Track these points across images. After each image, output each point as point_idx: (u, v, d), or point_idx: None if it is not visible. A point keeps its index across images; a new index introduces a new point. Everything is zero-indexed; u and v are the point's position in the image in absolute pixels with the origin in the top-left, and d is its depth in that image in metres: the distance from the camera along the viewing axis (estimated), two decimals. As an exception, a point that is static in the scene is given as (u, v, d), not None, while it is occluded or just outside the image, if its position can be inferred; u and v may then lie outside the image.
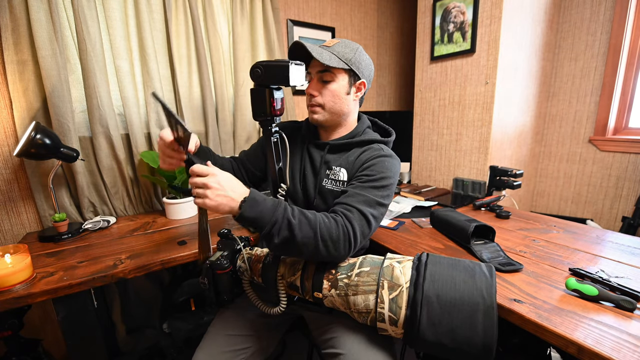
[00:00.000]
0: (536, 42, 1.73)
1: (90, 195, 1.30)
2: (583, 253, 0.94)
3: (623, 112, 1.79)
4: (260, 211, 0.65)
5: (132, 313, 1.47)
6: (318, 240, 0.67)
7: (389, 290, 0.65)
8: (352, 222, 0.71)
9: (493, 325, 0.57)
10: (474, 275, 0.63)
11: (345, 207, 0.74)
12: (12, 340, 0.95)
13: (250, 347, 0.85)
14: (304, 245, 0.66)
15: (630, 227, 1.66)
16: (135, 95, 1.35)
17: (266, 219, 0.65)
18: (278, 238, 0.65)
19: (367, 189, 0.77)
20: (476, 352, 0.58)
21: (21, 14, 1.07)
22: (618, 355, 0.54)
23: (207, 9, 1.45)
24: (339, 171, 0.87)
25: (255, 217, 0.64)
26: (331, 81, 0.84)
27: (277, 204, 0.67)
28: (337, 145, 0.90)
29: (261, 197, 0.67)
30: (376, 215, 0.76)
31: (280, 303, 0.74)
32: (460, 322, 0.59)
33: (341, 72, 0.84)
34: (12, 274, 0.80)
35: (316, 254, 0.68)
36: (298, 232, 0.65)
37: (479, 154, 1.65)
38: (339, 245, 0.68)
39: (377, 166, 0.81)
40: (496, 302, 0.59)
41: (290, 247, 0.67)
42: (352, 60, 0.84)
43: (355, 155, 0.87)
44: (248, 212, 0.64)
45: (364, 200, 0.75)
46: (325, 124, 0.89)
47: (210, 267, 0.77)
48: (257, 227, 0.65)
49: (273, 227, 0.65)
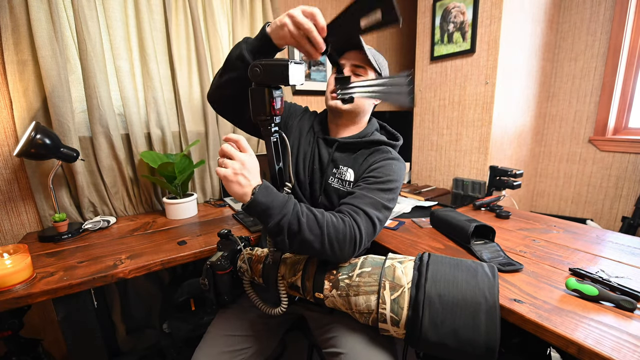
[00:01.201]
0: (536, 42, 1.73)
1: (90, 195, 1.30)
2: (583, 253, 0.94)
3: (623, 112, 1.79)
4: (272, 200, 0.64)
5: (132, 313, 1.47)
6: (324, 239, 0.66)
7: (390, 291, 0.64)
8: (359, 224, 0.70)
9: (495, 326, 0.57)
10: (476, 276, 0.63)
11: (352, 207, 0.73)
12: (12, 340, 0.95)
13: (250, 348, 0.85)
14: (309, 242, 0.66)
15: (630, 227, 1.66)
16: (135, 95, 1.35)
17: (276, 209, 0.64)
18: (285, 231, 0.65)
19: (373, 191, 0.77)
20: (479, 352, 0.58)
21: (21, 14, 1.07)
22: (618, 355, 0.54)
23: (207, 10, 1.45)
24: (345, 171, 0.87)
25: (266, 205, 0.63)
26: (363, 77, 0.88)
27: (288, 198, 0.67)
28: (346, 144, 0.90)
29: (273, 189, 0.67)
30: (381, 218, 0.76)
31: (281, 303, 0.74)
32: (462, 322, 0.59)
33: (372, 72, 0.88)
34: (12, 274, 0.80)
35: (320, 253, 0.68)
36: (305, 228, 0.65)
37: (478, 154, 1.65)
38: (344, 246, 0.68)
39: (385, 169, 0.82)
40: (499, 303, 0.59)
41: (296, 243, 0.67)
42: (382, 66, 0.90)
43: (363, 157, 0.88)
44: (260, 197, 0.63)
45: (370, 203, 0.75)
46: (344, 114, 0.90)
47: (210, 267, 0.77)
48: (265, 217, 0.64)
49: (282, 219, 0.64)
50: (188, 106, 1.49)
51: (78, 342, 0.90)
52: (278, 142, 0.70)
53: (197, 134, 1.54)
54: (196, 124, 1.54)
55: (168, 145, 1.44)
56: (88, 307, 0.90)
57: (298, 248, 0.68)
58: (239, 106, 0.86)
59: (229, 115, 0.91)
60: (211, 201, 1.59)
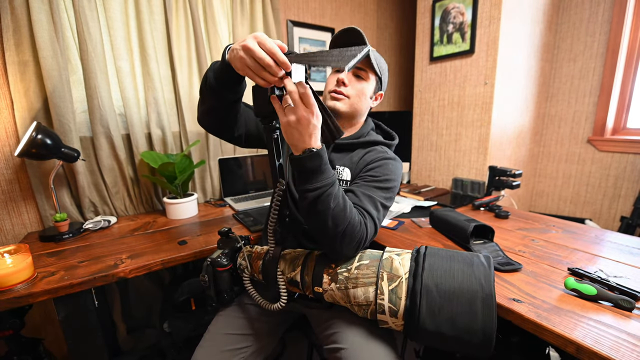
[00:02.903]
0: (535, 42, 1.73)
1: (91, 195, 1.30)
2: (582, 253, 0.94)
3: (621, 113, 1.79)
4: (326, 163, 0.65)
5: (133, 313, 1.47)
6: (341, 230, 0.66)
7: (388, 282, 0.65)
8: (367, 227, 0.71)
9: (492, 312, 0.58)
10: (472, 265, 0.64)
11: (358, 209, 0.73)
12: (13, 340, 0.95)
13: (250, 347, 0.85)
14: (328, 224, 0.65)
15: (629, 227, 1.67)
16: (135, 95, 1.36)
17: (327, 174, 0.65)
18: (319, 201, 0.64)
19: (372, 189, 0.78)
20: (476, 340, 0.58)
21: (22, 15, 1.08)
22: (617, 354, 0.54)
23: (207, 10, 1.46)
24: (342, 171, 0.88)
25: (321, 165, 0.64)
26: (364, 79, 0.88)
27: (334, 173, 0.67)
28: (342, 145, 0.91)
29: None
30: (380, 218, 0.77)
31: (280, 298, 0.74)
32: (459, 310, 0.59)
33: (373, 76, 0.89)
34: (13, 273, 0.80)
35: (328, 240, 0.67)
36: (329, 214, 0.64)
37: (478, 154, 1.66)
38: (352, 243, 0.68)
39: (382, 168, 0.83)
40: (494, 290, 0.60)
41: (316, 215, 0.66)
42: (383, 70, 0.91)
43: (359, 156, 0.88)
44: (322, 153, 0.63)
45: (372, 204, 0.76)
46: (343, 115, 0.89)
47: (210, 264, 0.77)
48: (311, 176, 0.64)
49: (324, 186, 0.64)
50: (188, 106, 1.49)
51: (79, 341, 0.91)
52: (279, 139, 0.71)
53: (198, 134, 1.54)
54: (196, 124, 1.54)
55: (168, 145, 1.44)
56: (89, 306, 0.90)
57: (312, 223, 0.68)
58: (229, 127, 0.85)
59: (222, 135, 0.89)
60: (211, 201, 1.59)
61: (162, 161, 1.30)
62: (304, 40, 1.88)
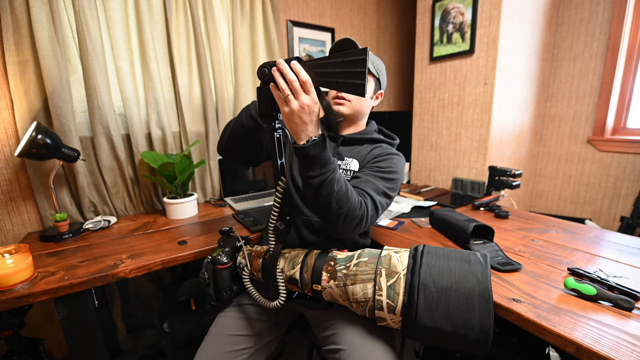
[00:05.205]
0: (535, 42, 1.73)
1: (91, 195, 1.30)
2: (582, 253, 0.94)
3: (621, 113, 1.80)
4: (327, 150, 0.68)
5: (133, 312, 1.47)
6: (345, 211, 0.70)
7: (386, 278, 0.66)
8: (367, 207, 0.75)
9: (489, 307, 0.59)
10: (469, 262, 0.65)
11: (359, 191, 0.78)
12: (13, 340, 0.95)
13: (251, 347, 0.86)
14: (332, 206, 0.69)
15: (629, 227, 1.67)
16: (135, 95, 1.35)
17: (329, 160, 0.69)
18: (324, 186, 0.68)
19: (376, 178, 0.83)
20: (474, 335, 0.59)
21: (22, 15, 1.08)
22: (616, 354, 0.54)
23: (207, 10, 1.46)
24: (350, 162, 0.93)
25: (324, 152, 0.67)
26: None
27: (334, 160, 0.71)
28: (350, 140, 0.96)
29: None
30: (383, 203, 0.81)
31: (279, 296, 0.75)
32: (457, 305, 0.60)
33: (372, 77, 0.94)
34: (13, 273, 0.80)
35: (334, 222, 0.72)
36: (334, 197, 0.69)
37: (478, 154, 1.66)
38: (353, 221, 0.72)
39: (388, 162, 0.89)
40: (491, 285, 0.61)
41: (320, 199, 0.70)
42: (380, 71, 0.96)
43: (368, 150, 0.94)
44: (323, 140, 0.67)
45: (374, 188, 0.80)
46: (347, 117, 0.96)
47: (210, 261, 0.78)
48: (315, 163, 0.67)
49: (327, 172, 0.68)
50: (188, 106, 1.49)
51: (79, 341, 0.91)
52: (281, 138, 0.72)
53: (198, 134, 1.54)
54: (196, 124, 1.54)
55: (168, 145, 1.44)
56: (89, 306, 0.90)
57: (317, 207, 0.72)
58: (254, 152, 0.95)
59: (242, 160, 0.98)
60: (211, 201, 1.59)
61: (162, 161, 1.30)
62: (303, 40, 1.88)
